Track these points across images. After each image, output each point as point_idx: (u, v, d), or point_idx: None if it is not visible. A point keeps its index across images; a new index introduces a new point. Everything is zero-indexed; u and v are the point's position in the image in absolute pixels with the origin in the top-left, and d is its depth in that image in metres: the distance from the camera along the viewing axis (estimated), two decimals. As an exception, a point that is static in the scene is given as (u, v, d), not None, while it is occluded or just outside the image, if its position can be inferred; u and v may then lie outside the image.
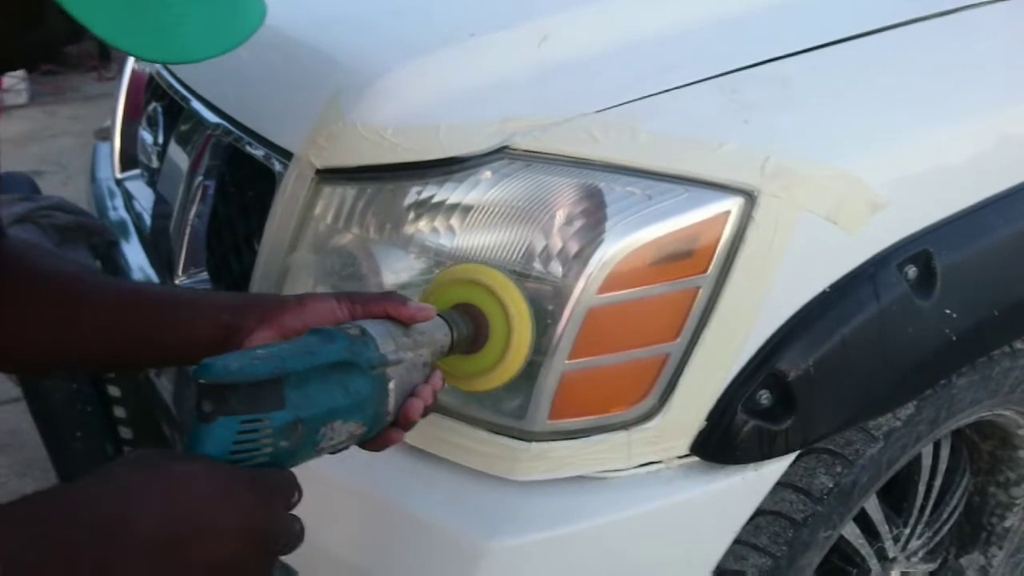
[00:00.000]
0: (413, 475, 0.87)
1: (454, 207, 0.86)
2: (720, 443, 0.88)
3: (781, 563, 1.01)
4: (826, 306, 0.86)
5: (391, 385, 0.64)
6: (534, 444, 0.85)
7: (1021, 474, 1.31)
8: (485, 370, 0.77)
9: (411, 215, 0.88)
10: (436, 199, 0.87)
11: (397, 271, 0.89)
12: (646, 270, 0.82)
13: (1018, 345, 1.11)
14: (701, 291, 0.84)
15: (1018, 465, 1.30)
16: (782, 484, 0.97)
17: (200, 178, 1.17)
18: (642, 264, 0.82)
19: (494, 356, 0.77)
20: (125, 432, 1.36)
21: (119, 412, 1.36)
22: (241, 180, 1.13)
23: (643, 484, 0.88)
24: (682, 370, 0.85)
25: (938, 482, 1.27)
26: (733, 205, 0.83)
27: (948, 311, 0.91)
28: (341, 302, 0.69)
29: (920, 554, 1.33)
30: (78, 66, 4.56)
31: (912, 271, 0.89)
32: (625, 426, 0.87)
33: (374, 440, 0.66)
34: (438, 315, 0.73)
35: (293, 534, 0.55)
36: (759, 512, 0.97)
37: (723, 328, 0.84)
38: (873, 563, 1.24)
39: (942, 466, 1.26)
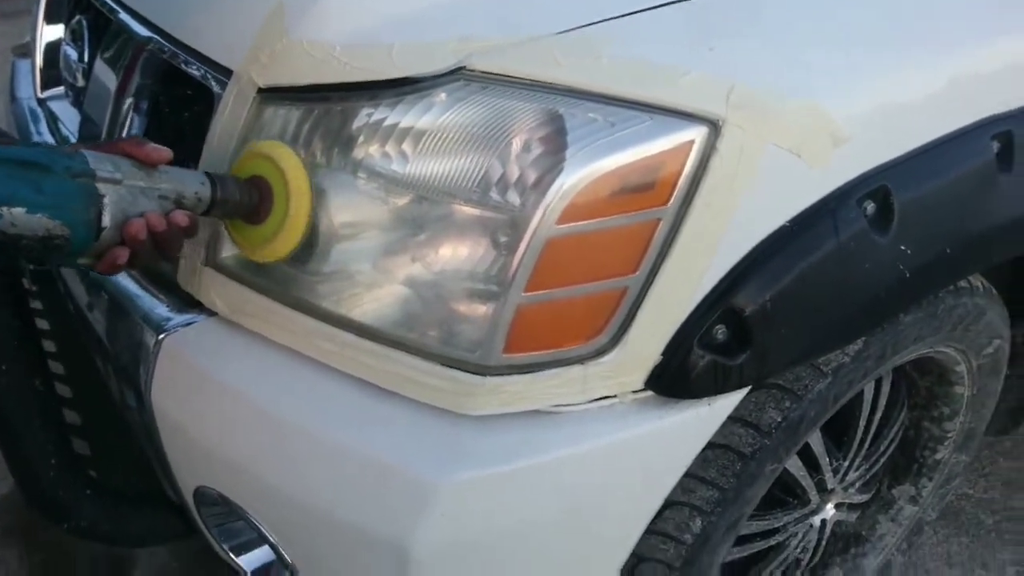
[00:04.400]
0: (363, 410, 0.85)
1: (407, 131, 0.82)
2: (675, 378, 0.87)
3: (728, 495, 1.02)
4: (785, 241, 0.85)
5: (105, 200, 0.72)
6: (488, 378, 0.83)
7: (955, 409, 1.35)
8: (267, 239, 0.84)
9: (360, 139, 0.83)
10: (388, 122, 0.82)
11: (345, 197, 0.85)
12: (607, 200, 0.79)
13: (962, 284, 1.13)
14: (662, 223, 0.81)
15: (953, 400, 1.34)
16: (732, 418, 0.97)
17: (130, 98, 1.10)
18: (603, 194, 0.79)
19: (274, 226, 0.83)
20: (56, 367, 1.31)
21: (48, 346, 1.30)
22: (175, 100, 1.06)
23: (597, 419, 0.87)
24: (640, 304, 0.84)
25: (878, 417, 1.30)
26: (697, 135, 0.80)
27: (903, 247, 0.91)
28: (88, 147, 0.75)
29: (856, 485, 1.38)
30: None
31: (871, 207, 0.88)
32: (581, 360, 0.85)
33: (100, 260, 0.74)
34: (206, 173, 0.81)
35: None
36: (709, 446, 0.97)
37: (682, 262, 0.83)
38: (813, 494, 1.27)
39: (882, 401, 1.29)
